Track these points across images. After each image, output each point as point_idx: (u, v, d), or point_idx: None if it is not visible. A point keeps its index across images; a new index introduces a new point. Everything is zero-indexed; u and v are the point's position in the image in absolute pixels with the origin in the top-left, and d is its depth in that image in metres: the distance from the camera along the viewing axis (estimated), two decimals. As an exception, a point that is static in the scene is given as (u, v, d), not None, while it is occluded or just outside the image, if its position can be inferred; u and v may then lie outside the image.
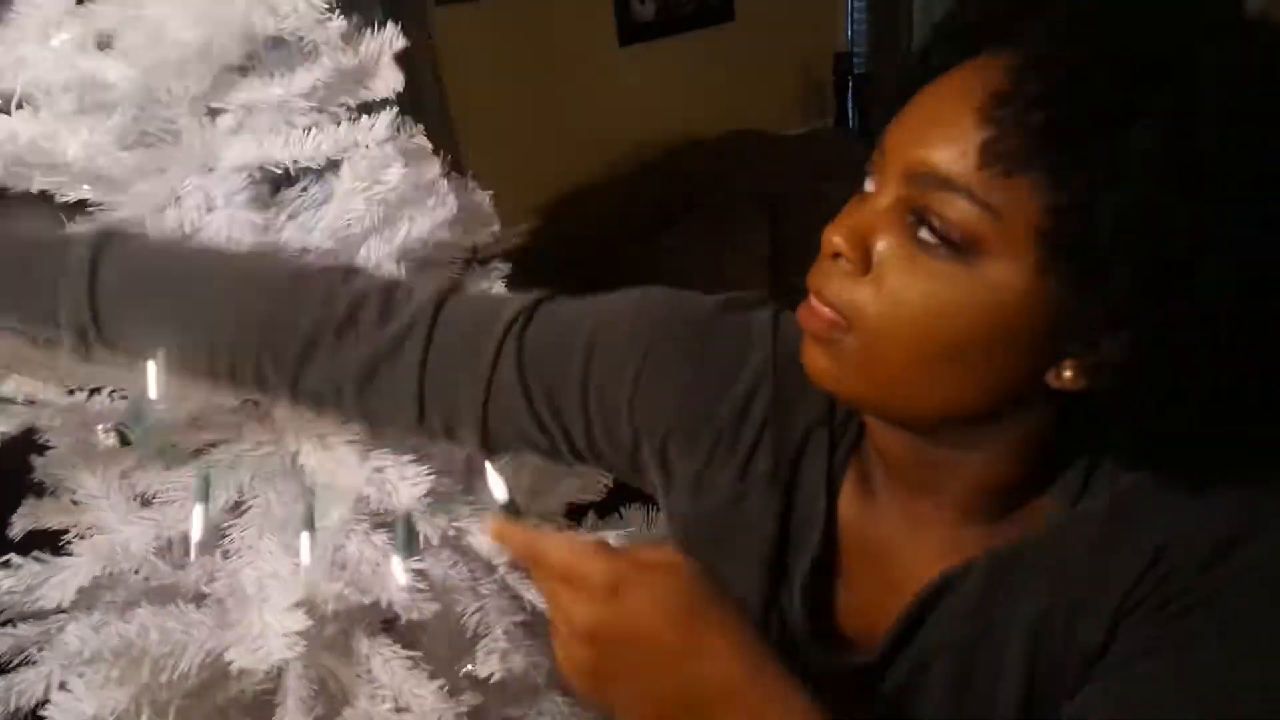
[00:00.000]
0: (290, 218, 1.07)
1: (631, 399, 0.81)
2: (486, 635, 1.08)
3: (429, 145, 1.14)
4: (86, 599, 1.10)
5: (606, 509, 1.51)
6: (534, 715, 1.30)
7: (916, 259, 0.61)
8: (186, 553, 1.07)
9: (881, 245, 0.63)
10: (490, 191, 1.27)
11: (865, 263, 0.63)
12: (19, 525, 1.34)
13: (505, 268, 1.25)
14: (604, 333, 0.82)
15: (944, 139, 0.60)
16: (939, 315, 0.61)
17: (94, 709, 1.01)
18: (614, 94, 3.56)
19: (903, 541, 0.77)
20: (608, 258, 3.19)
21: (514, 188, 1.24)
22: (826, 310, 0.65)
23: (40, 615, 1.20)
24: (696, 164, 3.56)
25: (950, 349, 0.62)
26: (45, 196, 1.04)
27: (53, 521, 1.25)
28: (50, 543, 1.27)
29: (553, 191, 3.41)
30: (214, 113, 1.06)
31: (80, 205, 1.05)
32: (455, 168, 1.22)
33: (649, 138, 3.61)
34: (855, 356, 0.65)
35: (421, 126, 1.15)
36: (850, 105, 4.23)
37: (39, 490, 1.30)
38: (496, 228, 1.21)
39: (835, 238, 0.64)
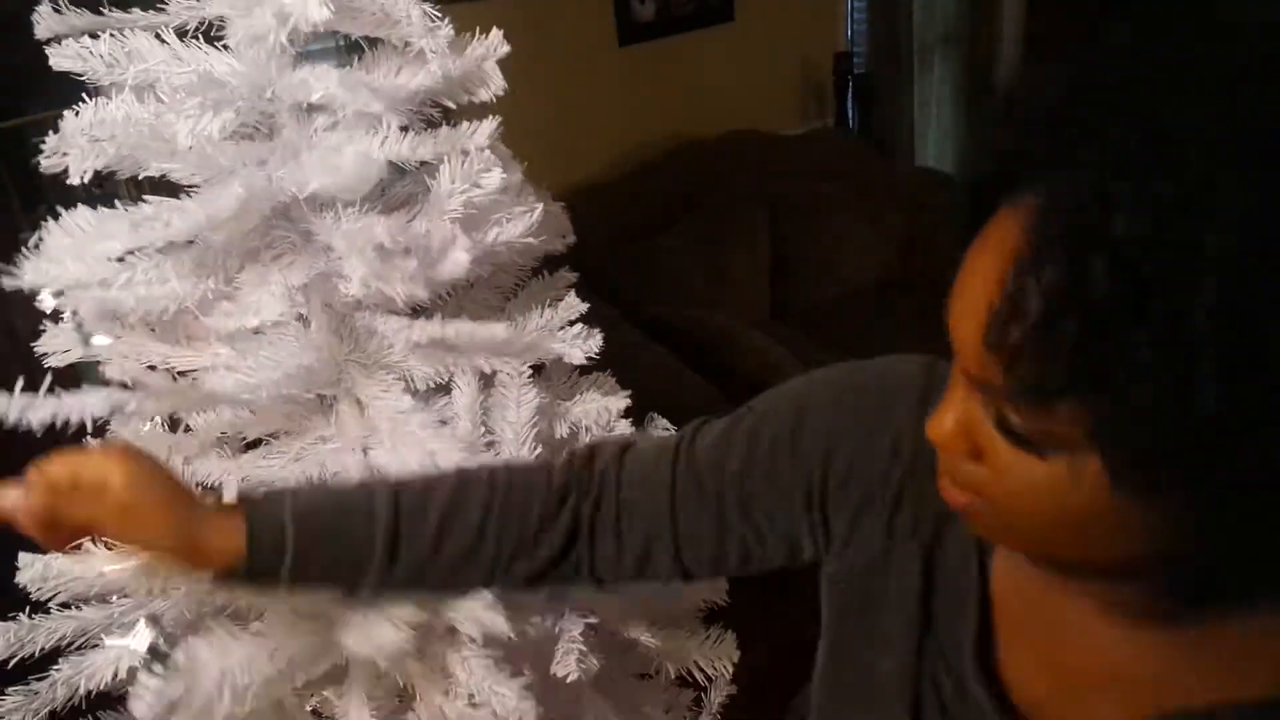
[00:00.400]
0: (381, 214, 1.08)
1: (792, 469, 0.86)
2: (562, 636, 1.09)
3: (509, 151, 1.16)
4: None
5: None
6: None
7: (1011, 450, 0.63)
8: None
9: (981, 436, 0.66)
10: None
11: (975, 452, 0.67)
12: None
13: (573, 276, 1.26)
14: (762, 422, 0.89)
15: (985, 359, 0.60)
16: (1047, 498, 0.63)
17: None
18: (614, 94, 3.56)
19: (1063, 615, 0.77)
20: (608, 258, 3.20)
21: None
22: (959, 494, 0.70)
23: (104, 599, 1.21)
24: (696, 164, 3.56)
25: (1073, 521, 0.63)
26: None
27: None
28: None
29: (552, 191, 3.39)
30: (312, 109, 1.07)
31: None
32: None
33: (649, 138, 3.62)
34: (996, 523, 0.69)
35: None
36: (850, 105, 4.21)
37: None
38: (571, 236, 1.22)
39: (942, 437, 0.68)
